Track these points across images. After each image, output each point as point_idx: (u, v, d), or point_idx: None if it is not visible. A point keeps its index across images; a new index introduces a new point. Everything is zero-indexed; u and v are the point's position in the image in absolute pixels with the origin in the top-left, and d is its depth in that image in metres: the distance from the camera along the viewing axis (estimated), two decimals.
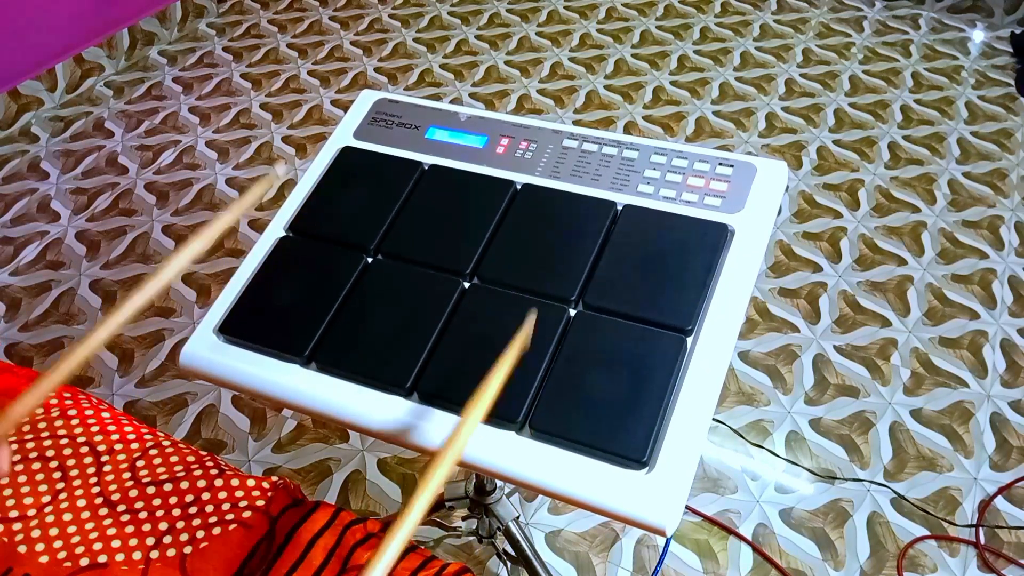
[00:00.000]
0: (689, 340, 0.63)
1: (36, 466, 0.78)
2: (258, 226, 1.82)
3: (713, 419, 1.26)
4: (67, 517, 0.75)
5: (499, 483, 1.06)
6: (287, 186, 1.92)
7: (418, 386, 0.64)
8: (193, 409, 1.45)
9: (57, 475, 0.78)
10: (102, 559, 0.72)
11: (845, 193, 1.88)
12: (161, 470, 0.80)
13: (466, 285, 0.70)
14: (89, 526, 0.74)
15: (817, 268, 1.71)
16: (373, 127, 0.83)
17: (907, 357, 1.53)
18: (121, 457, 0.80)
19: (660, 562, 1.08)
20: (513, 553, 1.10)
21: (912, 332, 1.58)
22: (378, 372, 0.65)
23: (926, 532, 1.28)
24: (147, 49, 2.41)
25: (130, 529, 0.74)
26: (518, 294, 0.68)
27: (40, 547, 0.72)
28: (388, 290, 0.70)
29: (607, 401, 0.60)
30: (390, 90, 2.24)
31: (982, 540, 1.26)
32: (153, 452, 0.82)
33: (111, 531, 0.74)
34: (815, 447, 1.39)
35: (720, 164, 0.73)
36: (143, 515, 0.75)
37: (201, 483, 0.79)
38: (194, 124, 2.12)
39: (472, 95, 2.22)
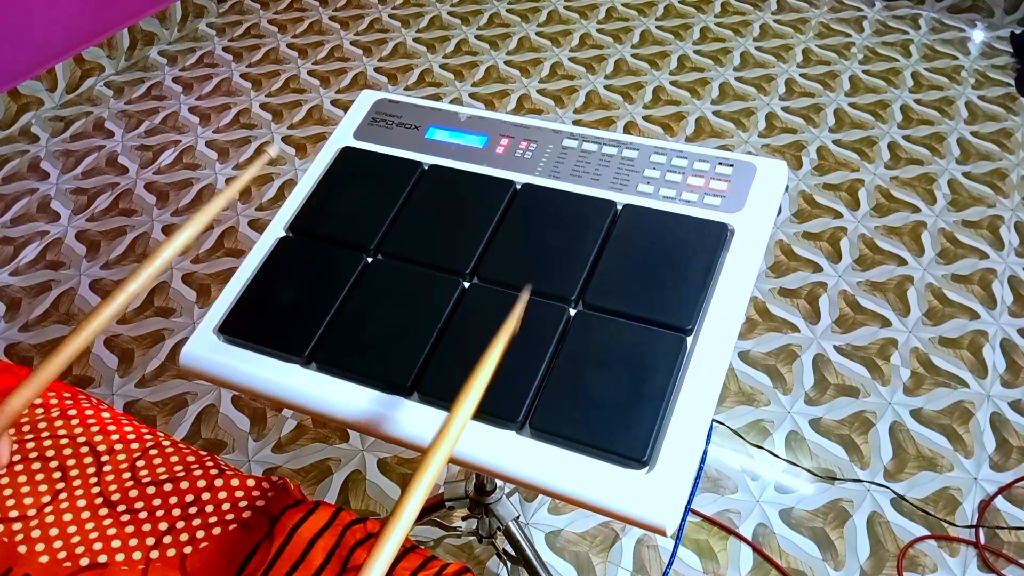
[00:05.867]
0: (689, 340, 0.63)
1: (36, 466, 0.78)
2: (258, 226, 1.82)
3: (713, 420, 1.26)
4: (67, 517, 0.75)
5: (499, 483, 1.06)
6: (287, 186, 1.92)
7: (418, 386, 0.64)
8: (193, 409, 1.45)
9: (57, 475, 0.78)
10: (102, 559, 0.72)
11: (845, 193, 1.88)
12: (161, 470, 0.80)
13: (466, 285, 0.69)
14: (89, 526, 0.74)
15: (817, 268, 1.71)
16: (373, 127, 0.83)
17: (907, 357, 1.53)
18: (121, 457, 0.80)
19: (669, 565, 1.08)
20: (513, 553, 1.09)
21: (912, 332, 1.58)
22: (378, 372, 0.65)
23: (926, 532, 1.28)
24: (147, 49, 2.41)
25: (130, 529, 0.74)
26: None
27: (40, 547, 0.72)
28: (388, 290, 0.70)
29: (607, 400, 0.60)
30: (390, 90, 2.24)
31: (982, 540, 1.26)
32: (153, 452, 0.82)
33: (111, 531, 0.74)
34: (815, 447, 1.39)
35: (720, 164, 0.73)
36: (143, 515, 0.75)
37: (201, 483, 0.79)
38: (194, 124, 2.12)
39: (472, 95, 2.22)
